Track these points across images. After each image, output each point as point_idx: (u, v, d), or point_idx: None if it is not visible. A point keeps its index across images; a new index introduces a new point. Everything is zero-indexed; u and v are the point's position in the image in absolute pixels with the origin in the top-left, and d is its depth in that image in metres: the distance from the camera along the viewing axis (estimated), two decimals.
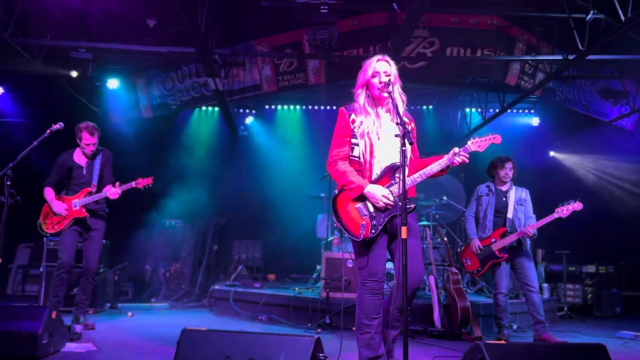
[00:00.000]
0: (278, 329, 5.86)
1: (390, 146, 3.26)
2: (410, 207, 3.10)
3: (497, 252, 5.37)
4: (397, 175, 3.17)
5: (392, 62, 3.35)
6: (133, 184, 5.27)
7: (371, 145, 3.28)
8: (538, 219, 5.29)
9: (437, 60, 7.64)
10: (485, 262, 5.45)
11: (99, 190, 5.39)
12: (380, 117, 3.33)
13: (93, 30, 7.20)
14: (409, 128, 3.14)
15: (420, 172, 3.26)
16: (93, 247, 5.43)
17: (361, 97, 3.35)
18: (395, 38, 6.61)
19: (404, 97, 3.36)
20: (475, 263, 5.53)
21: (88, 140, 5.35)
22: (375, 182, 3.25)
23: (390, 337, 3.31)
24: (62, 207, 5.30)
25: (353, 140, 3.32)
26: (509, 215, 5.48)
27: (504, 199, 5.54)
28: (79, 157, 5.46)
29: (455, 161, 3.20)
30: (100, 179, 5.45)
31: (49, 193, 5.39)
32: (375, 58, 3.35)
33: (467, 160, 3.20)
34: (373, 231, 3.19)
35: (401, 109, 3.26)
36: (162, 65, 8.54)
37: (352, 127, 3.32)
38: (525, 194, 5.63)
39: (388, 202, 3.17)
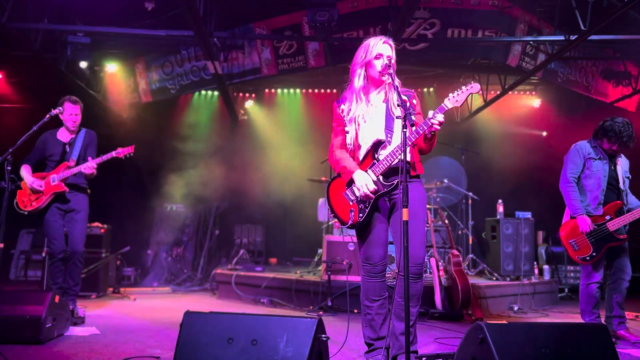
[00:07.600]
0: (280, 312, 5.90)
1: (374, 129, 3.23)
2: (393, 184, 3.13)
3: (615, 234, 4.44)
4: (380, 152, 3.16)
5: (393, 46, 3.26)
6: (113, 153, 4.97)
7: (357, 130, 3.28)
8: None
9: (438, 41, 7.58)
10: (600, 247, 4.45)
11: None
12: (371, 100, 3.30)
13: (91, 14, 7.13)
14: (407, 105, 3.06)
15: (399, 145, 3.04)
16: (77, 228, 5.10)
17: (360, 77, 3.27)
18: (395, 19, 6.54)
19: (398, 82, 3.24)
20: (586, 247, 4.48)
21: (71, 110, 5.05)
22: (361, 163, 3.24)
23: (397, 330, 3.15)
24: (37, 183, 4.99)
25: (346, 129, 3.33)
26: (621, 185, 4.56)
27: (613, 167, 4.61)
28: (62, 135, 5.18)
29: (431, 124, 2.95)
30: (82, 158, 5.11)
31: (25, 169, 5.09)
32: (379, 39, 3.22)
33: (442, 120, 2.94)
34: (361, 215, 3.21)
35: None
36: (161, 49, 8.47)
37: (342, 116, 3.34)
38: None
39: (367, 193, 3.12)
